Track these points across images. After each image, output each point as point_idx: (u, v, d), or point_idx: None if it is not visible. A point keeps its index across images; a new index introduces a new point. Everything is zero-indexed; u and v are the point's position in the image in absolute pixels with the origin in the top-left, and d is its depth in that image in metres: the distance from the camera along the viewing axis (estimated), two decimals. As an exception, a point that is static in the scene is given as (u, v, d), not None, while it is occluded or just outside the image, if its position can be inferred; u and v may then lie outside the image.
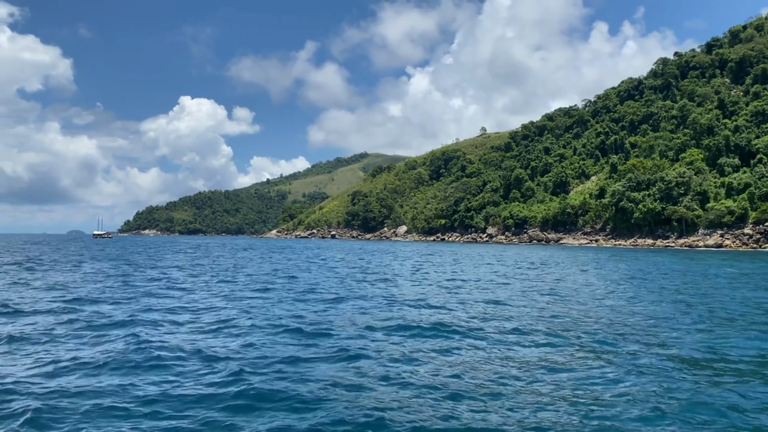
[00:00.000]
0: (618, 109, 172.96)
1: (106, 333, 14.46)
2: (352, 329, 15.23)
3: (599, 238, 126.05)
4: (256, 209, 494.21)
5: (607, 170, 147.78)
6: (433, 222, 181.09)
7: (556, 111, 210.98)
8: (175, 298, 21.72)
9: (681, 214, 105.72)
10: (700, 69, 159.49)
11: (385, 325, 15.73)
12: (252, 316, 17.17)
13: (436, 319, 16.95)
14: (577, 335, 14.50)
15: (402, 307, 19.65)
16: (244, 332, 14.70)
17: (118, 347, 12.75)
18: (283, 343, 13.36)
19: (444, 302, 21.16)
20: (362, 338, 14.07)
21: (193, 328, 15.24)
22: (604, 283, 30.40)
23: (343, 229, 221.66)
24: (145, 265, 43.50)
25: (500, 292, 25.23)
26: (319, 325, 15.78)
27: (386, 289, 25.90)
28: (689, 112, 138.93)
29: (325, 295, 23.14)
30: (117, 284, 27.08)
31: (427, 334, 14.69)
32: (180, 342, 13.33)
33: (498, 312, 18.74)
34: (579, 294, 24.45)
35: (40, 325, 15.45)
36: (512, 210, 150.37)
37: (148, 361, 11.51)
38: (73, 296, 21.62)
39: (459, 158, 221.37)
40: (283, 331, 14.84)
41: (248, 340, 13.69)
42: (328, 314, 17.94)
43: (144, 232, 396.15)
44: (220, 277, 32.17)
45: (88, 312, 17.70)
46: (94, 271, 35.76)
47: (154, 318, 16.75)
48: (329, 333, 14.58)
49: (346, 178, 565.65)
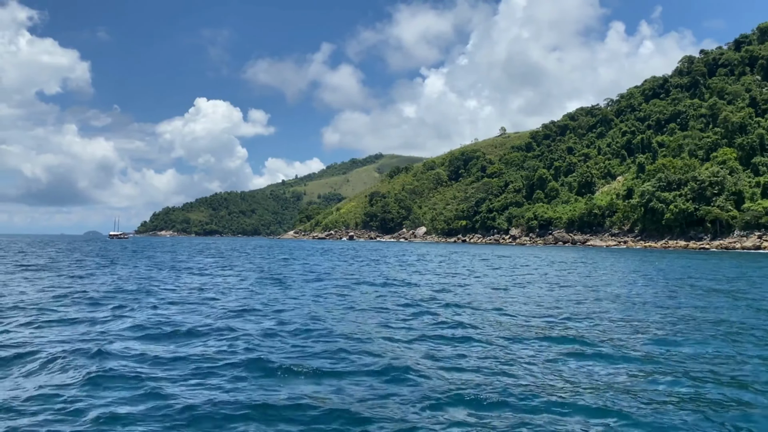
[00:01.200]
0: (643, 108, 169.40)
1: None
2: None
3: (628, 240, 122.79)
4: (271, 210, 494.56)
5: (633, 170, 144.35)
6: (454, 223, 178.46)
7: (577, 110, 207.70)
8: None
9: (715, 215, 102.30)
10: (729, 66, 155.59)
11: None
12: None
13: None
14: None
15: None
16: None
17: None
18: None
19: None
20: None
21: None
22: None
23: (361, 230, 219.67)
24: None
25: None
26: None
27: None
28: (720, 111, 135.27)
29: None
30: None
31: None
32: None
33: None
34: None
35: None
36: (536, 211, 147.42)
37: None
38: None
39: (478, 158, 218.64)
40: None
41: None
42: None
43: (160, 233, 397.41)
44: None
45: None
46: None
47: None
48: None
49: (361, 179, 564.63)
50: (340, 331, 14.27)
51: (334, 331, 14.27)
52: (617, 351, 12.24)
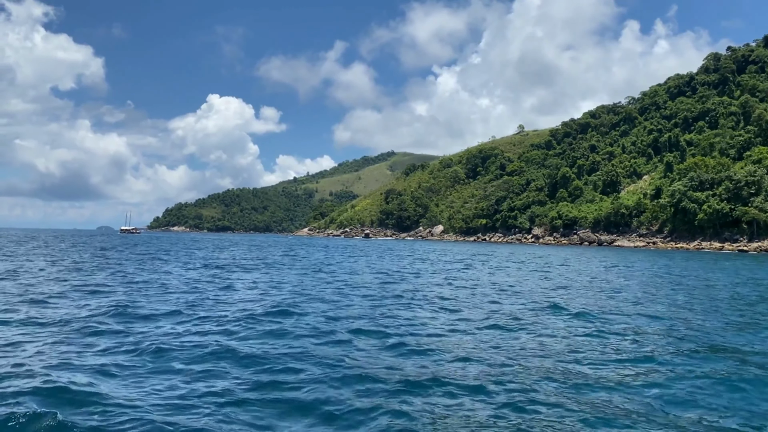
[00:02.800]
0: (669, 106, 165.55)
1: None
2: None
3: (657, 241, 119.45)
4: (283, 207, 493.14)
5: (661, 169, 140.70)
6: (473, 222, 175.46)
7: (598, 108, 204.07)
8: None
9: (753, 216, 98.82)
10: (759, 63, 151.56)
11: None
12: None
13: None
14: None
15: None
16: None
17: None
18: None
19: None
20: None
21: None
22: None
23: (377, 228, 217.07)
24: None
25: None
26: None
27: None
28: (752, 108, 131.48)
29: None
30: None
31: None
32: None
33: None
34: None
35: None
36: (561, 210, 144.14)
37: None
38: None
39: (497, 156, 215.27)
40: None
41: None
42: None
43: (173, 228, 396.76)
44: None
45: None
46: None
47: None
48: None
49: (373, 177, 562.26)
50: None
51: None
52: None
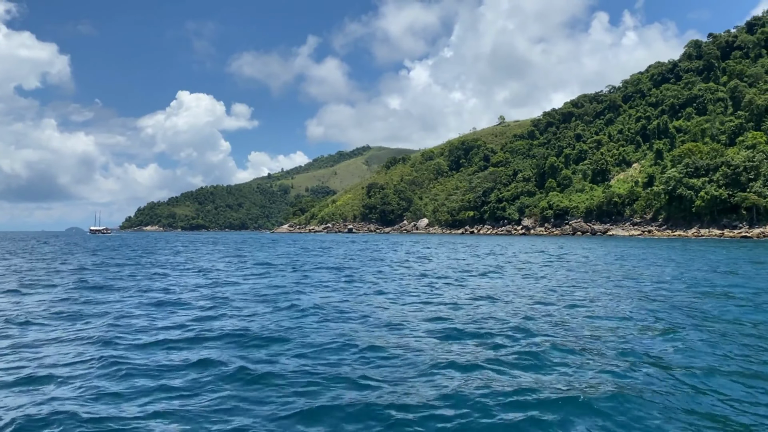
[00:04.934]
0: (654, 93, 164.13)
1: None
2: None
3: (652, 229, 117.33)
4: (258, 204, 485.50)
5: (651, 156, 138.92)
6: (460, 214, 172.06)
7: (580, 97, 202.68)
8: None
9: (753, 201, 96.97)
10: (744, 49, 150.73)
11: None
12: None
13: None
14: None
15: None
16: None
17: None
18: None
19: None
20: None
21: None
22: None
23: (360, 222, 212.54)
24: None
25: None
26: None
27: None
28: (741, 94, 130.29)
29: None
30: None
31: None
32: None
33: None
34: None
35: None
36: (551, 200, 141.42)
37: None
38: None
39: (480, 148, 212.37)
40: None
41: None
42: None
43: (146, 228, 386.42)
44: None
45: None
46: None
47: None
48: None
49: (349, 172, 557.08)
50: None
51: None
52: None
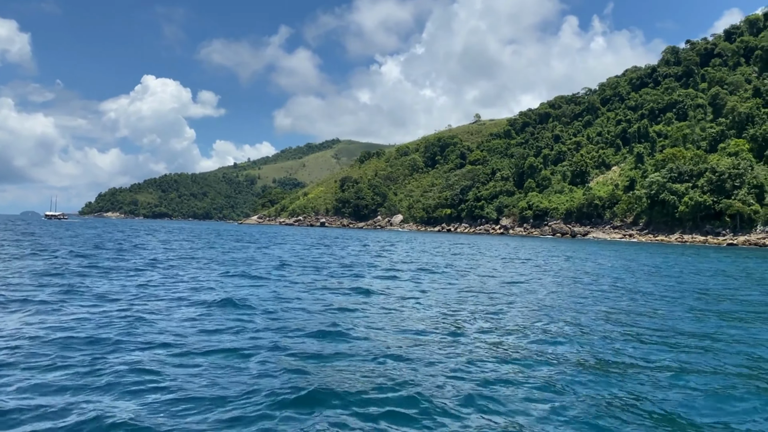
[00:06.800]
0: (633, 97, 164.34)
1: None
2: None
3: (633, 233, 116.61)
4: (224, 194, 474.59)
5: (631, 160, 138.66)
6: (436, 212, 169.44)
7: (557, 98, 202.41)
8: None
9: (738, 209, 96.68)
10: (723, 57, 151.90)
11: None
12: None
13: None
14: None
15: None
16: None
17: None
18: None
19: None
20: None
21: None
22: None
23: (333, 216, 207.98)
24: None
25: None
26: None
27: None
28: (722, 101, 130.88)
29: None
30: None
31: None
32: None
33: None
34: None
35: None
36: (531, 200, 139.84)
37: None
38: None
39: (456, 145, 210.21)
40: None
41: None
42: None
43: (106, 214, 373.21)
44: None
45: None
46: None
47: None
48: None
49: (317, 164, 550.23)
50: None
51: None
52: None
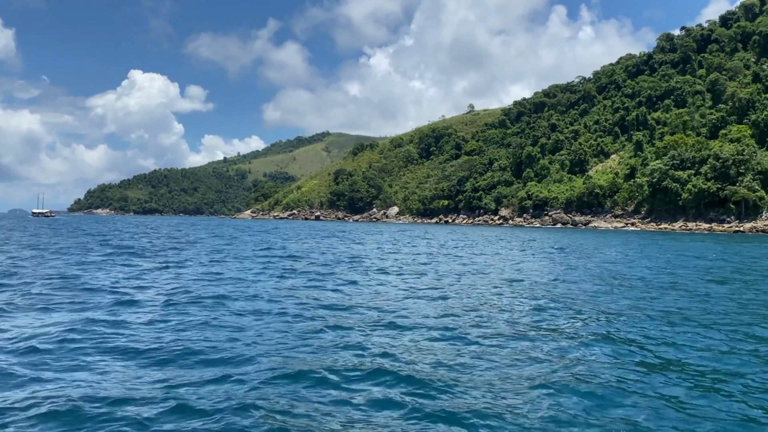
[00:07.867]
0: (629, 84, 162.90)
1: None
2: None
3: (635, 221, 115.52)
4: (215, 189, 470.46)
5: (630, 148, 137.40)
6: (433, 203, 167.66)
7: (552, 87, 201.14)
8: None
9: (743, 195, 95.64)
10: (720, 43, 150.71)
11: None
12: None
13: None
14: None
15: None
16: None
17: None
18: None
19: None
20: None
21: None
22: None
23: (327, 209, 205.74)
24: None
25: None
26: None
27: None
28: (722, 87, 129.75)
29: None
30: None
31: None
32: None
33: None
34: None
35: None
36: (530, 190, 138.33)
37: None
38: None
39: (451, 135, 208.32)
40: None
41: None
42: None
43: (96, 211, 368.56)
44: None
45: None
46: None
47: None
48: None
49: (308, 157, 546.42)
50: None
51: None
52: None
